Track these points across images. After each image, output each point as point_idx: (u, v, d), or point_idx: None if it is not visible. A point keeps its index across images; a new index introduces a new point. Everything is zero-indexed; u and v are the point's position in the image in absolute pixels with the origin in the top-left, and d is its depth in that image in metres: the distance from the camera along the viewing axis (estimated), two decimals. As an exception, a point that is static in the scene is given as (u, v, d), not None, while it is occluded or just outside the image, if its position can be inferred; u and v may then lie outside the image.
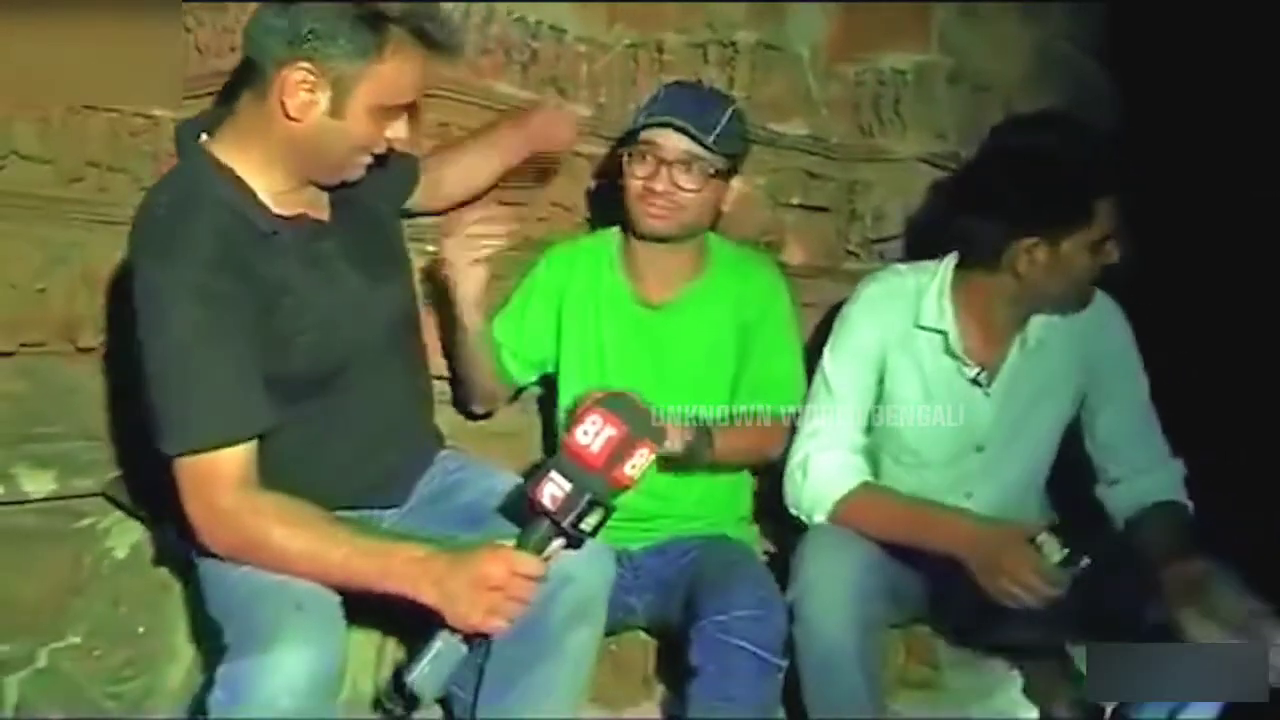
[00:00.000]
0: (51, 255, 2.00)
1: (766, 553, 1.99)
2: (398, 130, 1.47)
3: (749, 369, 1.83)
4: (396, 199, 1.74)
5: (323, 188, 1.52)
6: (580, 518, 1.29)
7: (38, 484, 1.95)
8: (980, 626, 1.91)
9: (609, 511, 1.32)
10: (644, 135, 1.74)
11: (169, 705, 1.63)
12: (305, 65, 1.36)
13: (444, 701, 1.57)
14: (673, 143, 1.72)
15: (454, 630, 1.29)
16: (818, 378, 1.85)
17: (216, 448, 1.33)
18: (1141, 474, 1.84)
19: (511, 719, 1.43)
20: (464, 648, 1.30)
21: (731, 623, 1.53)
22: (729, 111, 1.77)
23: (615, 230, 1.89)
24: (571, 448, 1.31)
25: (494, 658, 1.43)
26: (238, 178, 1.42)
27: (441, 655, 1.29)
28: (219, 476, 1.33)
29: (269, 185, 1.45)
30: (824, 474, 1.78)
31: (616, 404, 1.34)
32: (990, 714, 1.93)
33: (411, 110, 1.50)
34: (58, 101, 1.99)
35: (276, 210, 1.45)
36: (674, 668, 1.66)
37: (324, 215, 1.52)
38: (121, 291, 2.03)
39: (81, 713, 1.68)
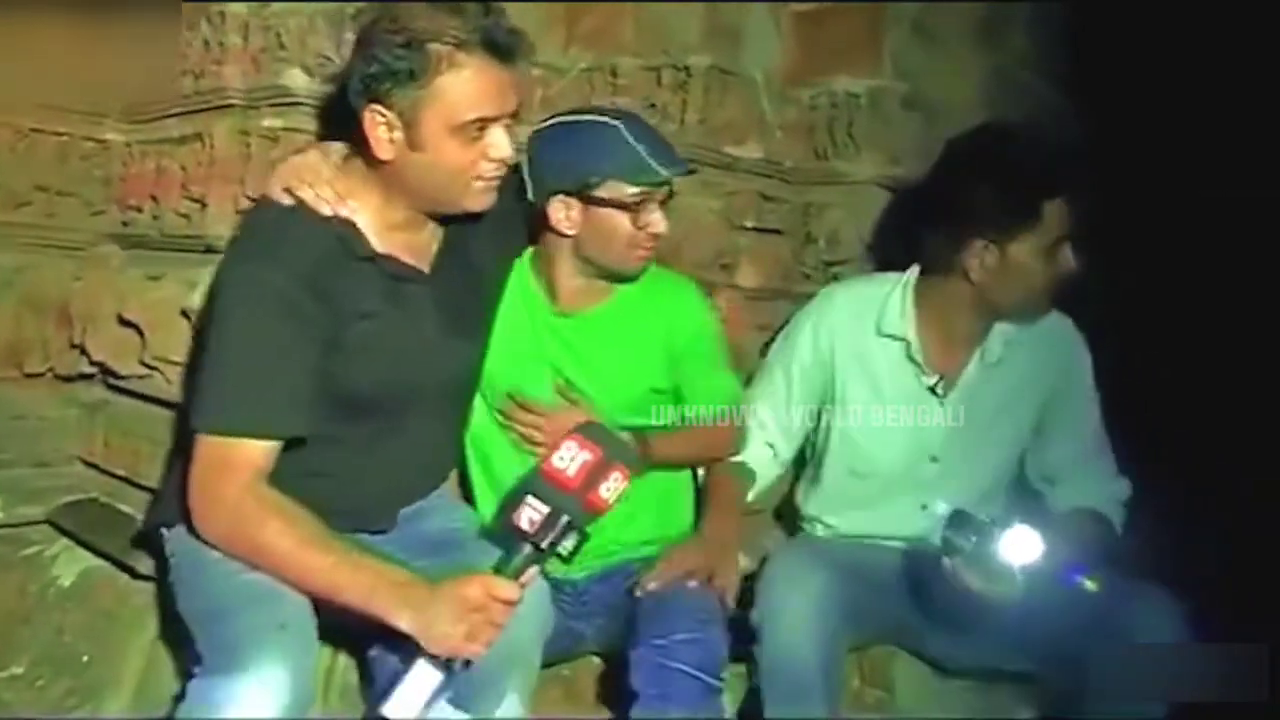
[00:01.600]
0: (-2, 280, 2.00)
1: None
2: (499, 148, 1.46)
3: (690, 386, 1.80)
4: (505, 247, 1.74)
5: (449, 220, 1.56)
6: (557, 540, 1.31)
7: (-16, 511, 1.95)
8: (937, 648, 1.92)
9: (584, 536, 1.33)
10: (661, 185, 1.68)
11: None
12: (375, 108, 1.41)
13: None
14: (666, 185, 1.69)
15: (431, 656, 1.29)
16: (765, 370, 1.95)
17: (241, 435, 1.36)
18: (1083, 488, 1.88)
19: None
20: (441, 674, 1.30)
21: (671, 646, 1.52)
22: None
23: None
24: (548, 472, 1.33)
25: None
26: (350, 219, 1.47)
27: (419, 681, 1.29)
28: (235, 463, 1.36)
29: (380, 223, 1.49)
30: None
31: (592, 430, 1.37)
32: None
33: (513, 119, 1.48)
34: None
35: (377, 246, 1.49)
36: (624, 691, 1.65)
37: (424, 262, 1.56)
38: (67, 316, 2.04)
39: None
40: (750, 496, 1.95)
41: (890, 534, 1.88)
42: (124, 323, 1.90)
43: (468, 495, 1.82)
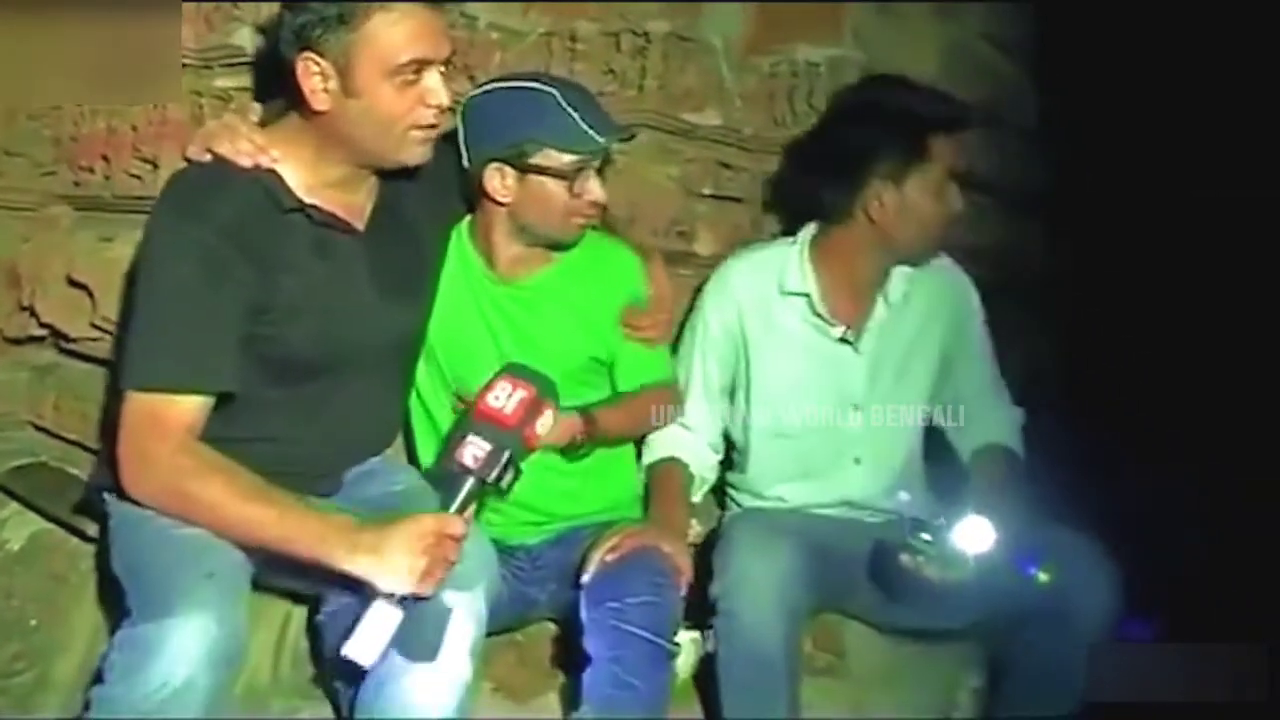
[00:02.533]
0: (-55, 242, 1.97)
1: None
2: (436, 93, 1.45)
3: (624, 350, 1.82)
4: (442, 212, 1.74)
5: (386, 180, 1.55)
6: (500, 475, 1.38)
7: (-70, 475, 1.93)
8: (884, 615, 1.95)
9: (519, 472, 1.41)
10: (586, 157, 1.67)
11: (59, 698, 1.61)
12: (308, 55, 1.40)
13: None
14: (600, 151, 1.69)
15: (387, 596, 1.31)
16: (681, 368, 1.94)
17: (171, 391, 1.36)
18: (986, 420, 1.98)
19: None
20: (399, 612, 1.32)
21: (625, 609, 1.54)
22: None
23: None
24: (485, 411, 1.40)
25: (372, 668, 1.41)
26: (272, 170, 1.46)
27: (377, 622, 1.31)
28: (165, 420, 1.35)
29: (314, 179, 1.49)
30: (665, 434, 1.90)
31: (520, 370, 1.46)
32: (892, 698, 1.97)
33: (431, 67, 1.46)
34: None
35: (305, 198, 1.47)
36: (578, 656, 1.66)
37: (358, 221, 1.55)
38: (16, 277, 2.01)
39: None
40: (697, 498, 1.97)
41: (830, 498, 1.91)
42: (74, 284, 1.89)
43: (412, 455, 1.82)
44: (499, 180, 1.67)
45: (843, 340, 1.89)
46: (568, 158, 1.65)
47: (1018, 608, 1.73)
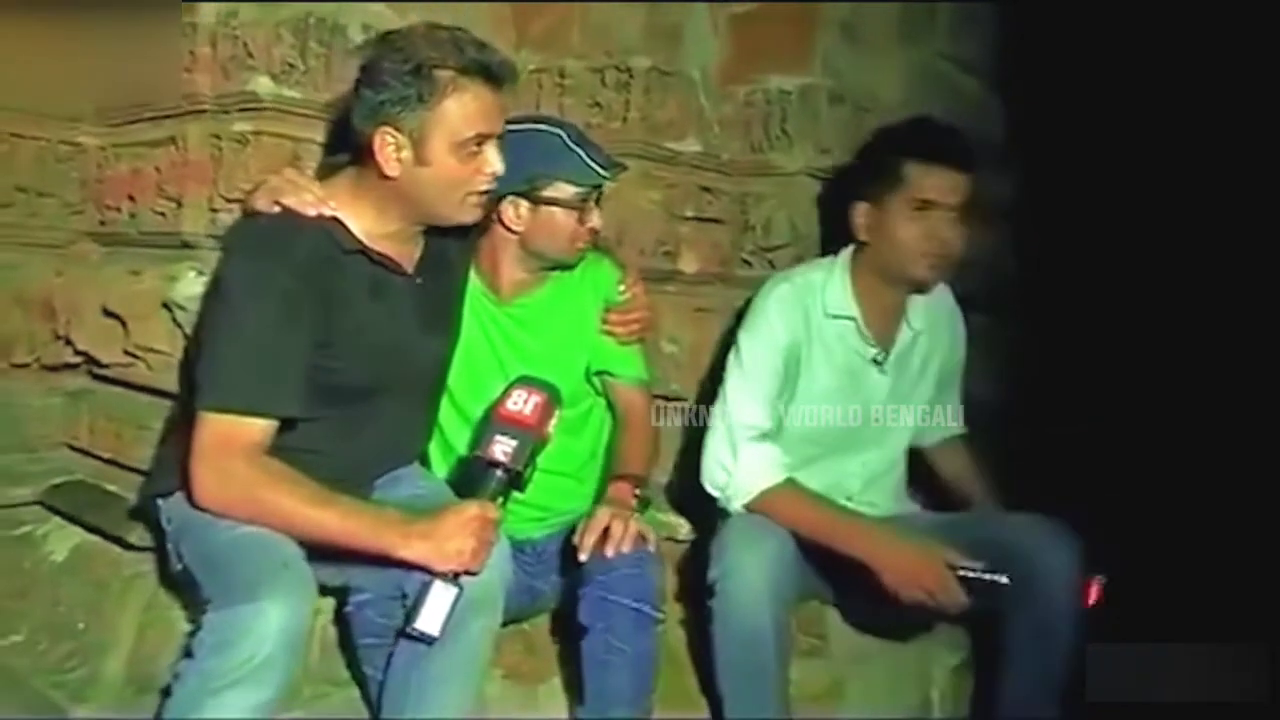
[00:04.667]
0: (-15, 277, 2.11)
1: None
2: (493, 163, 1.63)
3: (599, 343, 1.99)
4: (469, 251, 1.91)
5: (435, 232, 1.73)
6: (524, 467, 1.57)
7: (-24, 495, 2.08)
8: (866, 604, 2.07)
9: (535, 467, 1.61)
10: (590, 190, 1.87)
11: (110, 692, 1.74)
12: (386, 129, 1.57)
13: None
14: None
15: (443, 576, 1.49)
16: (734, 370, 1.99)
17: (247, 414, 1.51)
18: (944, 408, 2.22)
19: (409, 707, 1.59)
20: (455, 588, 1.49)
21: (612, 582, 1.70)
22: None
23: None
24: (506, 415, 1.59)
25: (398, 648, 1.59)
26: (335, 218, 1.62)
27: (438, 599, 1.48)
28: (238, 440, 1.50)
29: (370, 231, 1.65)
30: (752, 465, 1.92)
31: (531, 380, 1.64)
32: (870, 676, 2.12)
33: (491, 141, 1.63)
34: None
35: (365, 241, 1.64)
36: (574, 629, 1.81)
37: (408, 264, 1.72)
38: (51, 309, 2.16)
39: (29, 702, 1.80)
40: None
41: (831, 492, 2.02)
42: (108, 314, 2.03)
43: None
44: (513, 211, 1.86)
45: (874, 361, 2.05)
46: (575, 190, 1.85)
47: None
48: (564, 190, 1.85)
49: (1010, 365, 2.86)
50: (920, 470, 2.23)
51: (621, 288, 2.01)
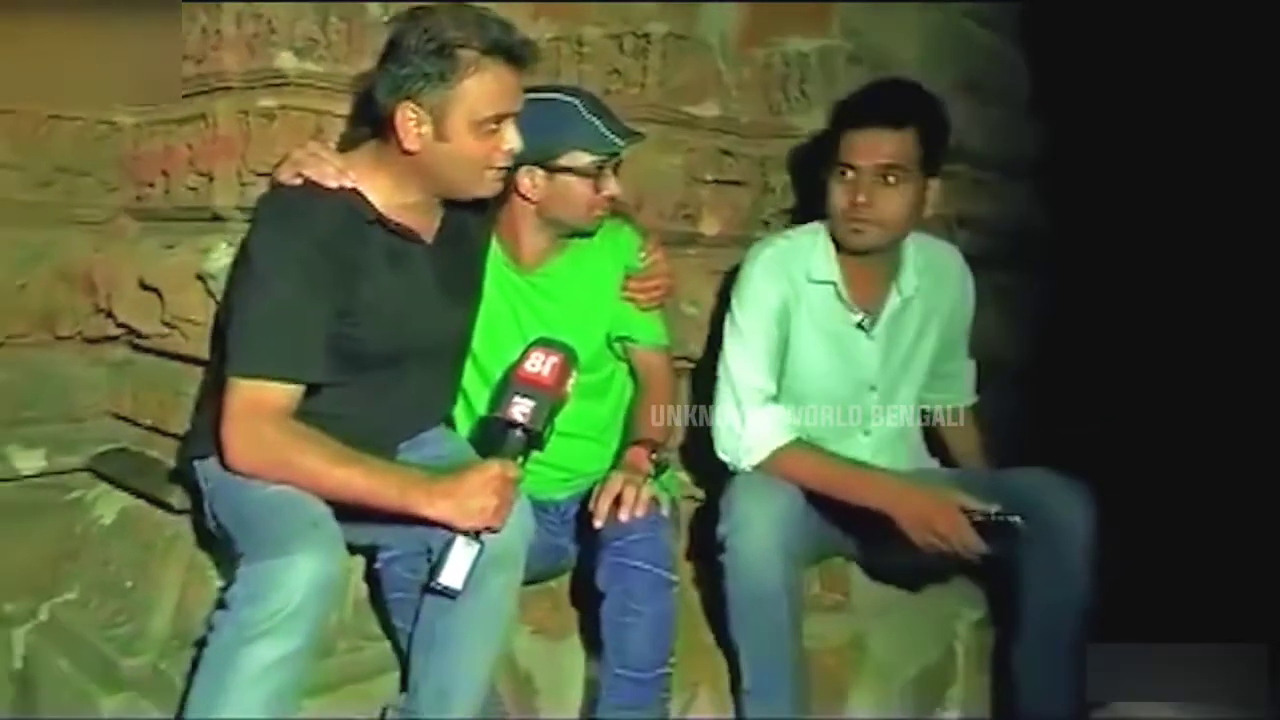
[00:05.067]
0: (28, 254, 2.20)
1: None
2: (511, 140, 1.68)
3: (621, 309, 2.03)
4: (490, 223, 1.96)
5: (455, 204, 1.77)
6: (543, 427, 1.61)
7: (28, 462, 2.18)
8: (885, 557, 2.15)
9: (553, 427, 1.65)
10: (608, 157, 1.90)
11: (155, 645, 1.83)
12: (408, 105, 1.62)
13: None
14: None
15: (465, 533, 1.55)
16: (731, 337, 2.02)
17: (272, 379, 1.57)
18: (958, 386, 2.24)
19: (434, 658, 1.67)
20: (477, 544, 1.55)
21: (627, 546, 1.76)
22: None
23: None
24: (524, 376, 1.63)
25: (424, 602, 1.66)
26: (355, 188, 1.67)
27: (461, 554, 1.54)
28: (266, 404, 1.57)
29: (390, 202, 1.70)
30: (761, 428, 1.95)
31: (549, 342, 1.68)
32: (891, 630, 2.16)
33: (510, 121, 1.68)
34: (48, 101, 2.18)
35: (383, 212, 1.70)
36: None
37: (427, 234, 1.77)
38: (91, 283, 2.24)
39: (83, 656, 1.90)
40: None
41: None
42: (145, 287, 2.10)
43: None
44: (529, 180, 1.89)
45: (859, 326, 2.05)
46: (590, 159, 1.88)
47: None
48: (580, 159, 1.88)
49: (1031, 323, 2.87)
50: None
51: (642, 254, 2.05)
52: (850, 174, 1.94)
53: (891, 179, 1.92)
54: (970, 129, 2.86)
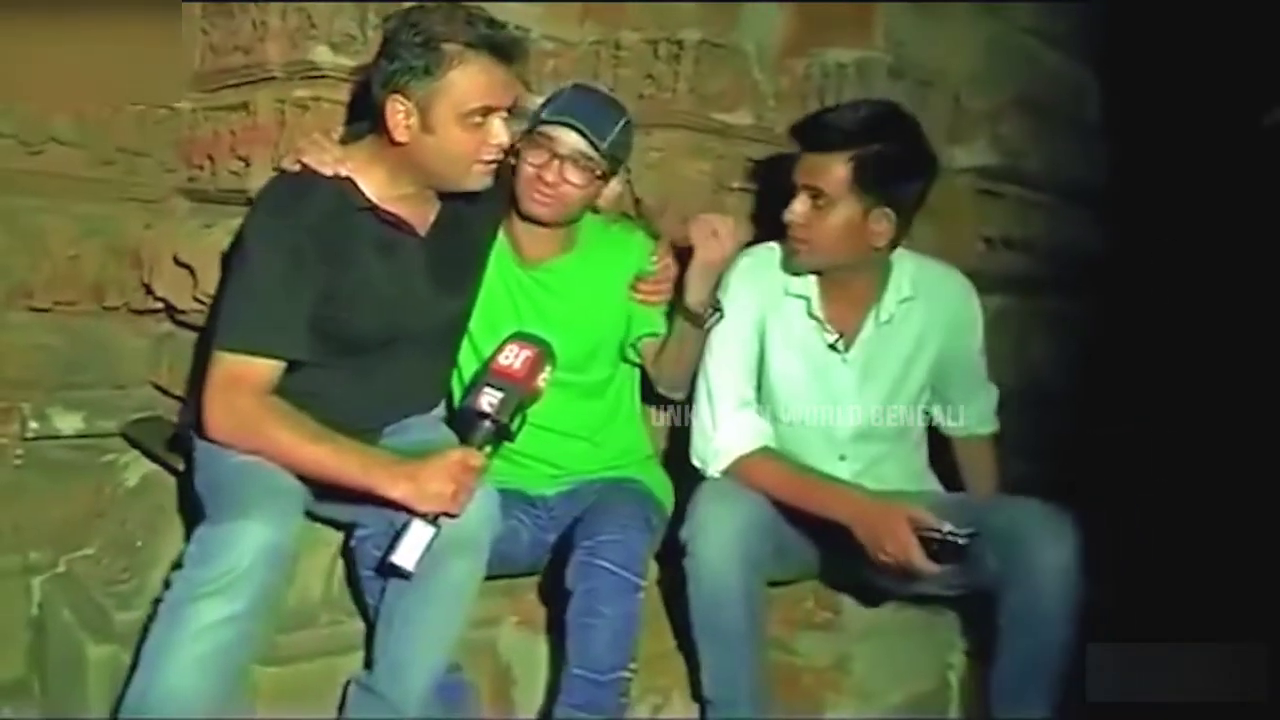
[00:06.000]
0: (85, 228, 2.35)
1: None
2: (497, 135, 1.72)
3: (636, 312, 2.04)
4: (498, 217, 2.00)
5: (454, 197, 1.82)
6: (510, 418, 1.65)
7: (69, 423, 2.32)
8: (854, 577, 2.10)
9: (524, 419, 1.68)
10: (543, 129, 1.91)
11: (150, 599, 1.91)
12: (395, 97, 1.68)
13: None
14: (569, 140, 1.89)
15: (422, 516, 1.59)
16: (711, 344, 2.00)
17: (254, 354, 1.64)
18: (974, 411, 2.18)
19: (393, 635, 1.72)
20: (433, 528, 1.59)
21: (597, 547, 1.76)
22: (622, 122, 1.94)
23: None
24: (496, 368, 1.68)
25: (389, 582, 1.71)
26: (349, 178, 1.74)
27: (416, 537, 1.59)
28: (246, 378, 1.64)
29: (385, 191, 1.76)
30: (730, 434, 1.95)
31: (526, 335, 1.74)
32: (877, 651, 2.12)
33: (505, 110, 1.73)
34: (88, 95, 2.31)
35: (376, 202, 1.76)
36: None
37: (421, 228, 1.82)
38: (139, 259, 2.37)
39: (82, 606, 2.01)
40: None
41: None
42: (179, 264, 2.22)
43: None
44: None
45: (832, 347, 2.02)
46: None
47: (983, 574, 1.84)
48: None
49: (1077, 347, 2.77)
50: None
51: (654, 258, 2.07)
52: (796, 192, 1.93)
53: (821, 202, 1.89)
54: (1025, 150, 2.79)
